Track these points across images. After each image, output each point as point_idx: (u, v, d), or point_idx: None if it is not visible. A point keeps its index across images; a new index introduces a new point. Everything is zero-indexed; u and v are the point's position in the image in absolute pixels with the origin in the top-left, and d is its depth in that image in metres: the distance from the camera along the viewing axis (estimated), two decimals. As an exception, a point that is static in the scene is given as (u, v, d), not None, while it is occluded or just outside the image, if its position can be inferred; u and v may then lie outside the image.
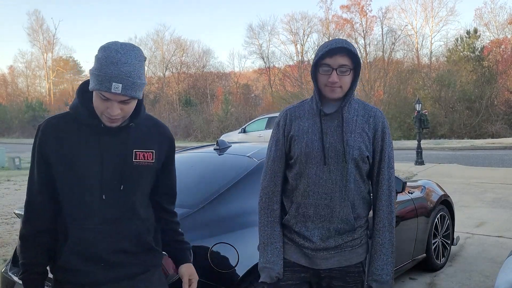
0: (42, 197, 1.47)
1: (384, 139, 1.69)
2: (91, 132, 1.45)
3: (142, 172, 1.52)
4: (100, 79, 1.34)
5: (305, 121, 1.70)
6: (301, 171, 1.68)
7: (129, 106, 1.42)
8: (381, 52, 34.19)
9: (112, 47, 1.35)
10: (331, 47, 1.59)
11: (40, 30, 50.74)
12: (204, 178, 2.86)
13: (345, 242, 1.69)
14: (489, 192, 7.86)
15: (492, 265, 4.05)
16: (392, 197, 1.70)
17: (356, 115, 1.68)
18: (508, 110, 27.46)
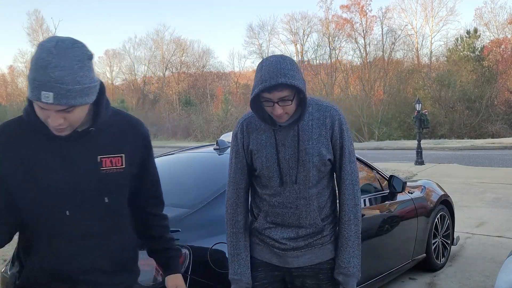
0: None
1: (343, 135, 1.69)
2: (50, 138, 1.26)
3: (114, 180, 1.34)
4: (30, 86, 1.15)
5: (262, 133, 1.69)
6: (265, 183, 1.70)
7: (74, 114, 1.21)
8: (381, 52, 34.25)
9: (45, 46, 1.15)
10: (265, 85, 1.51)
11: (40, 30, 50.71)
12: (204, 178, 2.85)
13: (314, 240, 1.71)
14: (489, 192, 7.86)
15: (492, 265, 4.05)
16: (355, 190, 1.71)
17: (311, 120, 1.67)
18: (508, 110, 27.48)
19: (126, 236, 1.41)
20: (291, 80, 1.52)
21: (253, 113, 1.69)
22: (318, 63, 36.15)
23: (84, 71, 1.17)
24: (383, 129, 27.98)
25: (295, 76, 1.54)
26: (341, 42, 35.89)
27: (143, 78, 46.43)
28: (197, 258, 2.14)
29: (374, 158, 14.06)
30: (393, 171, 10.02)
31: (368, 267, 3.07)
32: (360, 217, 1.72)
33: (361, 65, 34.62)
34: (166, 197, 2.67)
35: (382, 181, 3.49)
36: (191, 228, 2.24)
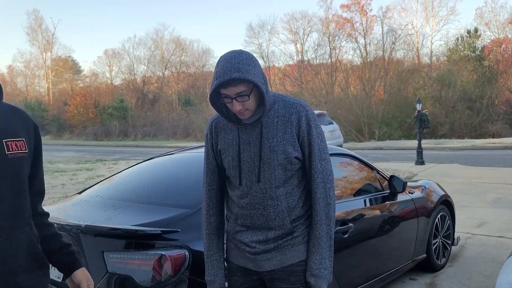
0: None
1: (311, 132, 1.62)
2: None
3: (21, 166, 1.26)
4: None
5: (229, 132, 1.67)
6: (233, 183, 1.68)
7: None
8: (382, 51, 34.19)
9: None
10: (220, 81, 1.49)
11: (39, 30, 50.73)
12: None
13: (284, 242, 1.65)
14: (489, 192, 7.85)
15: (493, 265, 4.04)
16: (327, 189, 1.64)
17: (276, 117, 1.62)
18: (509, 110, 27.46)
19: (29, 228, 1.32)
20: (245, 75, 1.48)
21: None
22: (318, 63, 36.10)
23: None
24: (383, 129, 27.95)
25: (250, 70, 1.51)
26: (341, 42, 35.86)
27: (142, 77, 46.39)
28: (197, 259, 2.13)
29: (375, 158, 14.05)
30: (393, 171, 10.02)
31: (368, 267, 3.07)
32: (332, 217, 1.65)
33: (362, 64, 34.58)
34: (166, 197, 2.68)
35: (382, 181, 3.49)
36: (191, 228, 2.23)
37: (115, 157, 17.92)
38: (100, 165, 14.39)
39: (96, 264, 2.17)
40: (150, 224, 2.23)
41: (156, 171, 3.26)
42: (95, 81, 51.70)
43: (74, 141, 35.41)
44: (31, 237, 1.30)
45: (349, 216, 2.88)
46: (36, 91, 53.55)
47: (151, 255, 2.07)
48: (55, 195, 8.34)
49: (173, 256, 2.07)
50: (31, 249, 1.29)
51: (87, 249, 2.20)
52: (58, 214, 2.59)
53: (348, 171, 3.43)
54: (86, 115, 40.13)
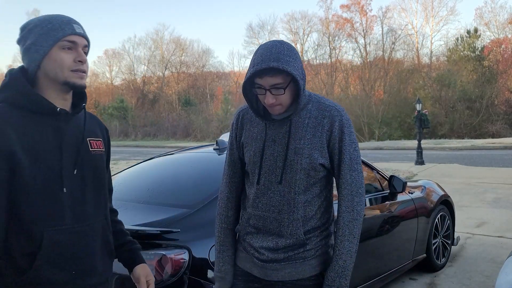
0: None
1: (343, 139, 1.50)
2: (46, 119, 1.30)
3: (100, 162, 1.41)
4: (57, 26, 1.28)
5: (256, 126, 1.57)
6: (251, 180, 1.57)
7: (87, 60, 1.34)
8: (381, 51, 34.25)
9: (36, 17, 1.34)
10: (257, 68, 1.39)
11: (40, 30, 50.69)
12: (204, 178, 2.85)
13: (295, 254, 1.54)
14: (489, 192, 7.85)
15: (493, 265, 4.05)
16: (355, 203, 1.50)
17: (308, 118, 1.51)
18: (509, 110, 27.48)
19: (105, 220, 1.44)
20: (284, 65, 1.38)
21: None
22: (318, 63, 36.18)
23: None
24: (383, 129, 27.97)
25: (290, 62, 1.40)
26: (341, 42, 35.95)
27: (142, 77, 46.44)
28: (197, 258, 2.14)
29: (374, 158, 14.06)
30: (393, 171, 10.02)
31: (369, 267, 3.07)
32: (357, 234, 1.52)
33: (361, 64, 34.62)
34: (167, 197, 2.69)
35: (382, 181, 3.49)
36: (191, 228, 2.24)
37: (115, 157, 17.92)
38: (100, 165, 14.37)
39: (97, 264, 2.17)
40: (151, 224, 2.23)
41: (156, 171, 3.27)
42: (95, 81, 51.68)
43: (74, 141, 35.34)
44: (105, 227, 1.41)
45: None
46: (36, 91, 53.46)
47: (151, 255, 2.07)
48: (55, 195, 8.34)
49: (173, 256, 2.07)
50: (104, 237, 1.40)
51: (88, 249, 2.20)
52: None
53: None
54: (86, 115, 40.12)
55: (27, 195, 1.24)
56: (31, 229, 1.24)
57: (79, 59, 1.29)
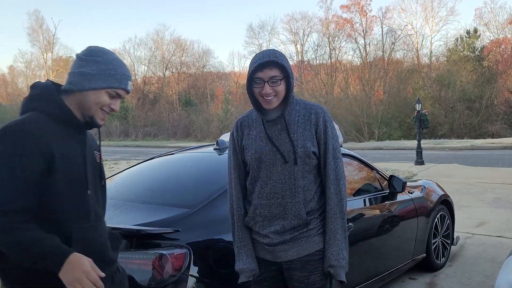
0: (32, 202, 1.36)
1: (327, 131, 1.80)
2: (72, 130, 1.51)
3: (102, 171, 1.65)
4: (118, 77, 1.50)
5: (253, 129, 1.84)
6: (254, 175, 1.82)
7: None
8: (381, 52, 34.21)
9: (108, 51, 1.54)
10: (259, 62, 1.69)
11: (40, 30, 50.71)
12: (204, 178, 2.86)
13: (300, 233, 1.79)
14: (489, 192, 7.86)
15: (492, 265, 4.05)
16: (340, 185, 1.80)
17: (297, 116, 1.81)
18: (508, 110, 27.47)
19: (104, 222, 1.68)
20: (281, 61, 1.71)
21: (251, 111, 1.87)
22: (318, 63, 36.10)
23: None
24: (383, 129, 27.96)
25: (285, 61, 1.74)
26: (341, 42, 35.90)
27: (143, 78, 46.39)
28: (197, 258, 2.14)
29: (374, 158, 14.06)
30: (393, 171, 10.02)
31: (368, 267, 3.08)
32: (345, 211, 1.82)
33: (361, 65, 34.58)
34: (167, 197, 2.69)
35: (382, 181, 3.50)
36: (191, 228, 2.24)
37: (116, 157, 17.93)
38: (100, 165, 14.35)
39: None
40: (151, 224, 2.24)
41: (157, 171, 3.27)
42: (95, 82, 51.58)
43: (74, 141, 35.31)
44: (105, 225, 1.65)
45: (349, 215, 2.88)
46: (37, 91, 53.42)
47: (152, 254, 2.08)
48: (56, 195, 8.34)
49: (173, 256, 2.08)
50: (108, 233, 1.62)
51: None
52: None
53: (348, 171, 3.44)
54: (86, 115, 40.08)
55: (59, 197, 1.41)
56: (62, 227, 1.41)
57: (113, 106, 1.53)
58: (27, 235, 1.31)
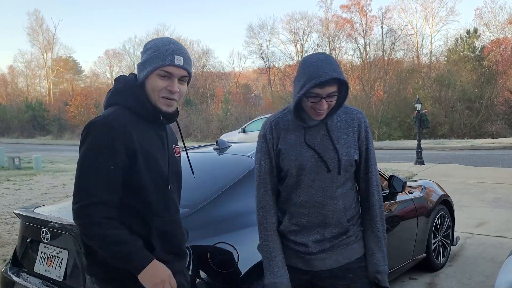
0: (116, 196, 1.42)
1: (368, 138, 1.76)
2: (151, 125, 1.51)
3: (180, 166, 1.68)
4: (161, 55, 1.43)
5: (291, 133, 1.72)
6: (291, 182, 1.71)
7: (184, 87, 1.50)
8: (381, 52, 34.19)
9: (159, 38, 1.51)
10: (321, 80, 1.55)
11: (40, 30, 50.75)
12: (204, 178, 2.85)
13: (340, 241, 1.73)
14: (489, 192, 7.86)
15: (492, 265, 4.05)
16: (380, 192, 1.78)
17: (339, 121, 1.72)
18: (508, 110, 27.45)
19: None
20: (343, 77, 1.58)
21: (285, 112, 1.76)
22: (318, 63, 36.04)
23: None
24: (383, 129, 27.94)
25: (342, 73, 1.60)
26: (341, 42, 35.90)
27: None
28: (198, 258, 2.14)
29: (374, 158, 14.03)
30: (393, 171, 10.03)
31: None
32: (384, 218, 1.79)
33: (361, 65, 34.57)
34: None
35: (382, 181, 3.49)
36: (191, 228, 2.23)
37: (115, 157, 17.89)
38: (100, 165, 14.37)
39: (97, 264, 2.18)
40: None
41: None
42: (96, 81, 51.73)
43: (75, 141, 35.35)
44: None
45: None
46: (37, 91, 53.56)
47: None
48: (56, 195, 8.35)
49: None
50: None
51: (88, 249, 2.21)
52: (59, 214, 2.59)
53: (348, 171, 3.44)
54: (87, 115, 40.07)
55: (142, 191, 1.44)
56: (144, 220, 1.45)
57: (169, 88, 1.46)
58: (111, 232, 1.34)
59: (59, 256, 2.38)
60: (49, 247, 2.45)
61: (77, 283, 2.26)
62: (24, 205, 7.21)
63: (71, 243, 2.29)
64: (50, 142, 35.12)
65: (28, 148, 25.81)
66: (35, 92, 52.88)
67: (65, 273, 2.33)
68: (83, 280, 2.23)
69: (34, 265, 2.52)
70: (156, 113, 1.49)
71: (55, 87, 53.47)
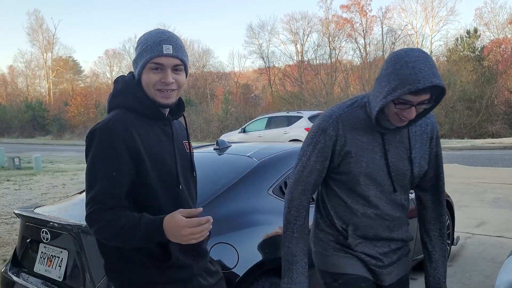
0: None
1: (438, 144, 1.60)
2: (155, 123, 1.47)
3: (191, 163, 1.59)
4: (149, 47, 1.39)
5: (362, 135, 1.49)
6: (358, 191, 1.52)
7: (181, 77, 1.44)
8: (381, 52, 34.19)
9: (149, 31, 1.46)
10: (418, 87, 1.29)
11: (40, 30, 50.75)
12: (204, 178, 2.85)
13: (401, 253, 1.67)
14: (489, 192, 7.85)
15: (492, 265, 4.05)
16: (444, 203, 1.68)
17: (414, 126, 1.53)
18: (508, 110, 27.45)
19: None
20: (442, 83, 1.33)
21: (355, 107, 1.51)
22: (318, 63, 36.10)
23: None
24: (383, 129, 27.95)
25: (440, 78, 1.35)
26: (341, 42, 35.89)
27: (143, 78, 46.34)
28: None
29: (374, 158, 14.03)
30: (393, 171, 10.01)
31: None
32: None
33: (361, 65, 34.59)
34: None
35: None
36: (191, 228, 2.24)
37: (115, 157, 17.88)
38: (100, 165, 14.37)
39: (97, 264, 2.17)
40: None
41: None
42: (96, 81, 51.75)
43: (75, 141, 35.38)
44: None
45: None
46: (37, 91, 53.57)
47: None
48: (56, 195, 8.35)
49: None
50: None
51: (88, 249, 2.21)
52: (59, 214, 2.59)
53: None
54: (87, 115, 40.11)
55: (151, 193, 1.41)
56: None
57: (163, 80, 1.40)
58: (123, 223, 1.32)
59: (59, 256, 2.38)
60: (49, 247, 2.45)
61: (77, 283, 2.26)
62: (24, 205, 7.21)
63: (71, 243, 2.29)
64: (50, 142, 35.12)
65: (28, 148, 25.82)
66: (35, 92, 52.91)
67: (65, 273, 2.33)
68: (83, 280, 2.23)
69: (34, 265, 2.52)
70: (156, 109, 1.44)
71: (55, 87, 53.49)
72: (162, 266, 1.42)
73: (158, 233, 1.31)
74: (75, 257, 2.29)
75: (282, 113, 16.00)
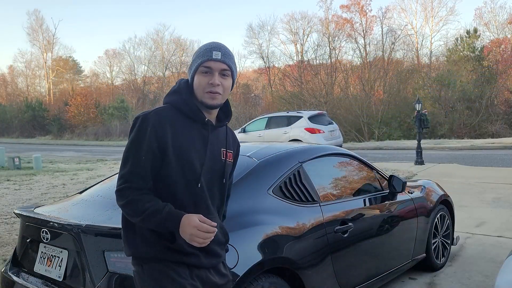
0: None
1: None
2: (196, 125, 1.64)
3: (227, 170, 1.73)
4: (201, 54, 1.61)
5: None
6: None
7: (227, 82, 1.62)
8: (381, 52, 34.20)
9: (206, 43, 1.66)
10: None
11: (39, 30, 50.74)
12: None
13: None
14: (489, 192, 7.85)
15: (492, 265, 4.05)
16: None
17: None
18: (508, 110, 27.45)
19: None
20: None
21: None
22: (318, 63, 36.05)
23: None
24: (383, 129, 27.92)
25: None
26: (341, 42, 35.86)
27: (143, 78, 46.40)
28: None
29: (374, 158, 14.05)
30: (393, 171, 10.02)
31: (368, 266, 3.08)
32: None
33: (361, 65, 34.56)
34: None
35: (382, 181, 3.50)
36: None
37: (115, 157, 17.91)
38: (101, 165, 14.40)
39: (97, 264, 2.18)
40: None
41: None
42: (96, 81, 51.72)
43: (75, 141, 35.38)
44: (219, 223, 1.74)
45: (349, 215, 2.89)
46: (37, 91, 53.55)
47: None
48: (56, 194, 8.35)
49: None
50: (218, 230, 1.68)
51: (88, 249, 2.21)
52: (59, 214, 2.59)
53: (348, 171, 3.44)
54: (87, 115, 40.10)
55: (170, 183, 1.58)
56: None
57: (210, 82, 1.59)
58: (147, 206, 1.52)
59: (59, 256, 2.38)
60: (49, 247, 2.45)
61: (77, 283, 2.26)
62: (24, 205, 7.21)
63: (71, 243, 2.29)
64: (50, 142, 35.11)
65: (28, 148, 25.81)
66: (35, 92, 52.89)
67: (65, 273, 2.33)
68: (83, 280, 2.23)
69: (34, 265, 2.52)
70: (197, 112, 1.62)
71: (55, 87, 53.46)
72: (169, 247, 1.57)
73: (174, 223, 1.50)
74: (75, 257, 2.29)
75: (282, 113, 15.99)
